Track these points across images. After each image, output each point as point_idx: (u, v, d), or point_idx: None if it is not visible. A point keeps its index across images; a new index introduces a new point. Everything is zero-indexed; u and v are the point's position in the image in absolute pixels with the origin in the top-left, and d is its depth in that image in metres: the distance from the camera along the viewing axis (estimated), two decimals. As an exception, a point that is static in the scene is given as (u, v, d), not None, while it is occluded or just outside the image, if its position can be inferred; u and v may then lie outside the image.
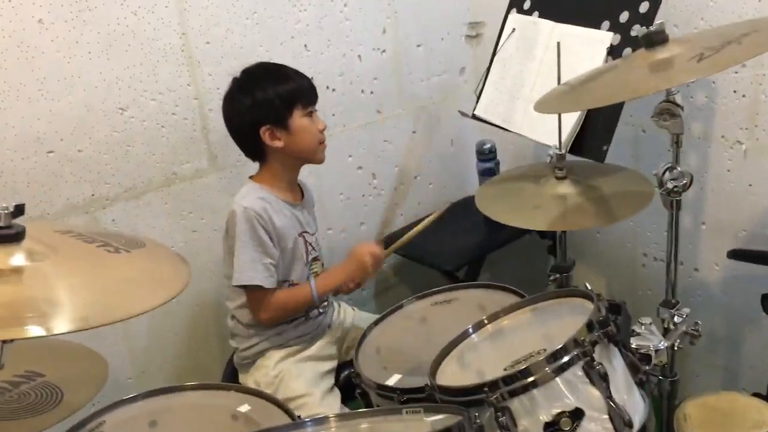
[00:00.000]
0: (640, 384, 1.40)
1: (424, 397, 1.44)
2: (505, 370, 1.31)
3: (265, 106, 1.79)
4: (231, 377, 2.00)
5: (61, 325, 0.88)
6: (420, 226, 1.98)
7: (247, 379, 1.93)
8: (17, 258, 0.96)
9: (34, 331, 0.86)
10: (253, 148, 1.87)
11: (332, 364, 1.98)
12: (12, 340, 0.85)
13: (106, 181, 1.98)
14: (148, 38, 1.96)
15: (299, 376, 1.88)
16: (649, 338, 1.55)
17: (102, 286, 0.95)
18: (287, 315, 1.89)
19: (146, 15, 1.94)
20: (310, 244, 1.93)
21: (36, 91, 1.82)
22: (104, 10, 1.87)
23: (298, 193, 1.94)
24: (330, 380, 1.94)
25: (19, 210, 0.97)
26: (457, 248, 2.43)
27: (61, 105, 1.86)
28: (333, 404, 1.86)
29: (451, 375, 1.45)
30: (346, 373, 1.97)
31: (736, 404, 1.66)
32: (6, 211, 0.95)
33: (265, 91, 1.80)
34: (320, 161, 1.92)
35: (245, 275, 1.78)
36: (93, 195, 1.97)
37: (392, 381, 1.65)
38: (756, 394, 1.77)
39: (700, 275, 2.20)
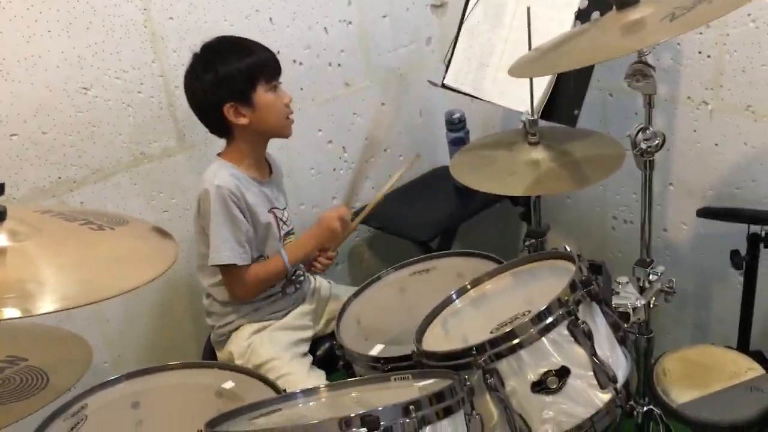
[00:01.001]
0: (621, 341, 1.43)
1: (408, 365, 1.45)
2: (491, 333, 1.33)
3: (227, 82, 1.75)
4: (210, 356, 1.99)
5: (50, 304, 0.86)
6: (388, 185, 1.98)
7: (224, 355, 1.92)
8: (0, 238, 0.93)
9: (22, 311, 0.84)
10: (218, 126, 1.83)
11: (306, 334, 1.97)
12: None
13: (72, 163, 1.94)
14: (109, 15, 1.91)
15: (270, 342, 1.88)
16: (626, 297, 1.58)
17: (91, 264, 0.93)
18: (263, 288, 1.89)
19: (107, -9, 1.89)
20: (281, 219, 1.92)
21: (-5, 72, 1.77)
22: (63, -13, 1.82)
23: (266, 169, 1.92)
24: (303, 348, 1.94)
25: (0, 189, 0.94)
26: (429, 219, 2.44)
27: (22, 86, 1.81)
28: (302, 366, 1.86)
29: (437, 341, 1.47)
30: (327, 345, 1.98)
31: (713, 357, 1.71)
32: (-15, 192, 0.92)
33: (226, 67, 1.75)
34: (287, 136, 1.89)
35: (222, 254, 1.76)
36: (59, 178, 1.93)
37: (375, 351, 1.65)
38: (728, 348, 1.82)
39: (668, 235, 2.24)
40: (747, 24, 1.84)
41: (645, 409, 1.78)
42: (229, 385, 1.57)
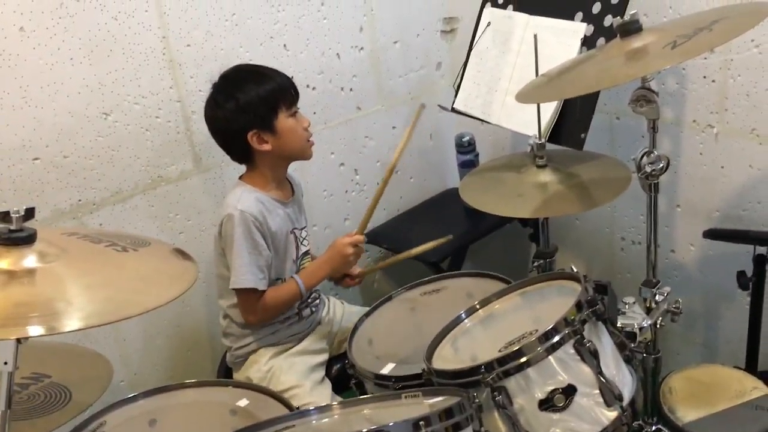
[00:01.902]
0: (627, 360, 1.46)
1: (419, 383, 1.49)
2: (499, 351, 1.36)
3: (249, 110, 1.79)
4: (225, 376, 2.02)
5: (77, 322, 0.90)
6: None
7: (240, 377, 1.95)
8: (29, 260, 0.98)
9: (51, 328, 0.89)
10: (240, 152, 1.87)
11: (323, 358, 2.01)
12: (27, 338, 0.87)
13: (92, 186, 1.99)
14: (129, 43, 1.97)
15: (290, 369, 1.91)
16: (633, 317, 1.61)
17: (116, 283, 0.98)
18: (276, 314, 1.92)
19: (127, 20, 1.95)
20: (300, 239, 1.96)
21: (19, 98, 1.82)
22: (85, 17, 1.88)
23: (288, 190, 1.97)
24: (320, 372, 1.97)
25: (30, 213, 0.99)
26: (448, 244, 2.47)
27: (45, 112, 1.87)
28: (323, 395, 1.89)
29: (446, 359, 1.50)
30: (339, 365, 2.01)
31: (718, 376, 1.73)
32: (17, 215, 0.98)
33: (247, 95, 1.79)
34: (309, 158, 1.94)
35: (241, 278, 1.80)
36: (80, 200, 1.98)
37: (386, 370, 1.68)
38: (735, 368, 1.84)
39: (676, 256, 2.27)
40: (750, 49, 1.88)
41: (654, 428, 1.80)
42: (243, 403, 1.60)
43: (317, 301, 2.02)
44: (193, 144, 2.15)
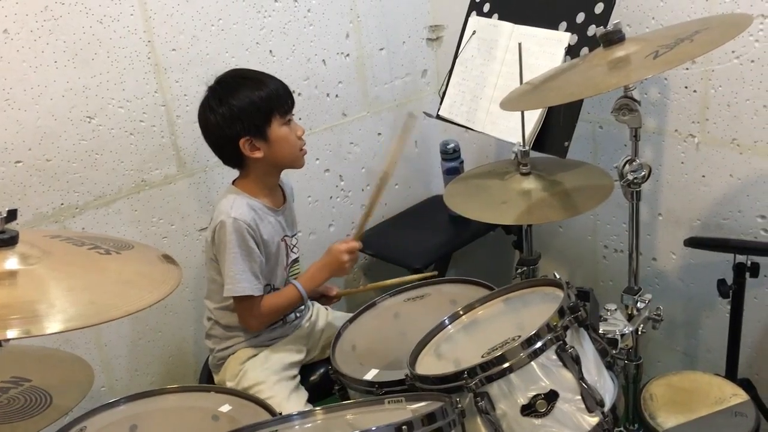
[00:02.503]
0: (609, 366, 1.47)
1: (402, 389, 1.49)
2: (482, 357, 1.36)
3: (243, 117, 1.78)
4: (207, 380, 2.02)
5: (59, 324, 0.90)
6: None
7: (220, 378, 1.95)
8: (11, 262, 0.97)
9: (32, 330, 0.88)
10: (232, 158, 1.87)
11: (297, 357, 2.00)
12: (8, 340, 0.87)
13: (75, 190, 1.98)
14: (114, 46, 1.97)
15: (260, 366, 1.91)
16: (614, 323, 1.63)
17: (98, 286, 0.98)
18: (275, 319, 1.93)
19: (112, 23, 1.95)
20: (290, 246, 1.96)
21: (2, 101, 1.81)
22: (69, 20, 1.87)
23: (280, 197, 1.96)
24: (293, 371, 1.97)
25: (12, 215, 0.98)
26: (424, 246, 2.49)
27: (28, 115, 1.86)
28: (286, 391, 1.88)
29: (429, 365, 1.50)
30: (322, 370, 2.01)
31: (698, 382, 1.75)
32: (-1, 217, 0.97)
33: (241, 102, 1.78)
34: (300, 166, 1.94)
35: (237, 286, 1.79)
36: (62, 204, 1.97)
37: (370, 376, 1.68)
38: (715, 375, 1.86)
39: (658, 264, 2.29)
40: (731, 60, 1.91)
41: (634, 434, 1.82)
42: (225, 408, 1.60)
43: (302, 306, 2.02)
44: (178, 148, 2.15)
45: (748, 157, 1.97)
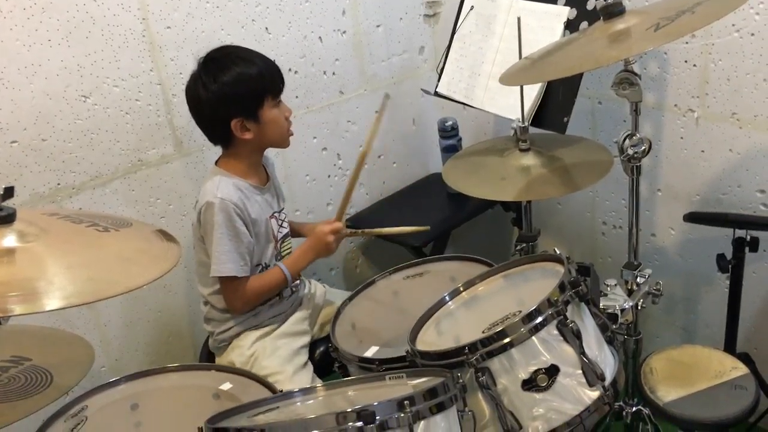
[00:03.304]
0: (609, 341, 1.47)
1: (403, 366, 1.49)
2: (483, 332, 1.36)
3: (236, 99, 1.76)
4: (207, 361, 2.01)
5: (58, 301, 0.89)
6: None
7: (223, 362, 1.94)
8: (9, 239, 0.97)
9: (31, 307, 0.88)
10: (220, 137, 1.85)
11: (305, 340, 2.00)
12: (8, 318, 0.86)
13: (71, 170, 1.97)
14: (108, 24, 1.94)
15: (272, 354, 1.90)
16: (614, 298, 1.63)
17: (97, 263, 0.97)
18: (260, 301, 1.91)
19: (106, 1, 1.92)
20: (281, 222, 1.95)
21: (-4, 80, 1.80)
22: (63, -3, 1.85)
23: (263, 175, 1.95)
24: (303, 356, 1.96)
25: (9, 192, 0.97)
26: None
27: (22, 94, 1.84)
28: (304, 380, 1.89)
29: (430, 341, 1.50)
30: (322, 348, 2.01)
31: (698, 356, 1.75)
32: (-5, 194, 0.96)
33: (235, 82, 1.75)
34: (286, 146, 1.93)
35: (222, 267, 1.78)
36: (59, 184, 1.96)
37: (370, 353, 1.69)
38: (715, 349, 1.86)
39: (657, 240, 2.29)
40: (731, 34, 1.89)
41: (634, 409, 1.82)
42: (226, 386, 1.60)
43: (297, 282, 2.02)
44: (174, 128, 2.13)
45: (748, 132, 1.96)
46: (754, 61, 1.87)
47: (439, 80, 2.23)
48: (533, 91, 1.92)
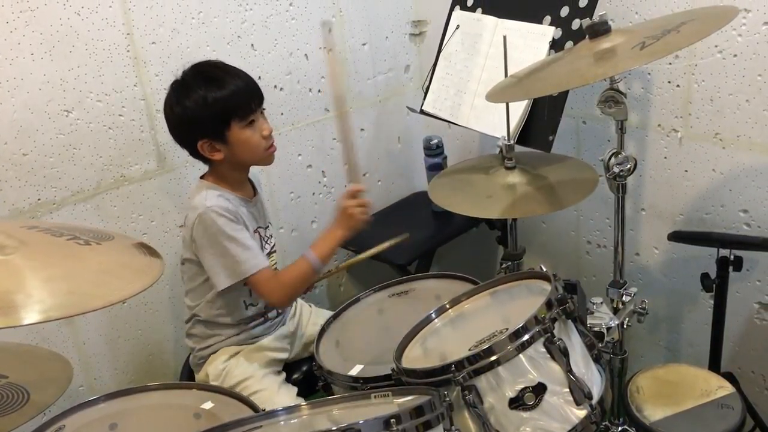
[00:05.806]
0: (596, 359, 1.46)
1: (388, 384, 1.47)
2: (470, 350, 1.35)
3: (199, 121, 1.73)
4: (188, 379, 1.99)
5: (37, 314, 0.87)
6: (373, 251, 2.01)
7: (201, 377, 1.92)
8: (-14, 252, 0.94)
9: (8, 321, 0.85)
10: (196, 156, 1.83)
11: (281, 355, 1.97)
12: (-15, 334, 0.83)
13: (52, 185, 1.94)
14: (92, 39, 1.93)
15: (244, 363, 1.88)
16: (600, 317, 1.62)
17: (78, 276, 0.95)
18: (299, 291, 1.88)
19: (90, 15, 1.91)
20: (266, 239, 1.93)
21: (-23, 93, 1.78)
22: (46, 11, 1.83)
23: (250, 189, 1.93)
24: (277, 367, 1.94)
25: (-13, 203, 0.95)
26: (408, 242, 2.46)
27: (3, 108, 1.82)
28: (272, 384, 1.86)
29: (416, 359, 1.48)
30: (306, 367, 1.99)
31: (684, 375, 1.75)
32: (-27, 205, 0.93)
33: (196, 105, 1.72)
34: (268, 164, 1.89)
35: (245, 266, 1.74)
36: (39, 199, 1.93)
37: (355, 371, 1.66)
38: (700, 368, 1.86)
39: (641, 259, 2.29)
40: (714, 55, 1.91)
41: (620, 429, 1.81)
42: (208, 405, 1.57)
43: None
44: (158, 143, 2.11)
45: (731, 152, 1.97)
46: (736, 81, 1.89)
47: (424, 98, 2.23)
48: (519, 109, 1.93)
